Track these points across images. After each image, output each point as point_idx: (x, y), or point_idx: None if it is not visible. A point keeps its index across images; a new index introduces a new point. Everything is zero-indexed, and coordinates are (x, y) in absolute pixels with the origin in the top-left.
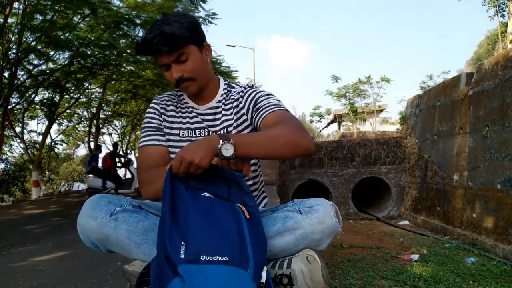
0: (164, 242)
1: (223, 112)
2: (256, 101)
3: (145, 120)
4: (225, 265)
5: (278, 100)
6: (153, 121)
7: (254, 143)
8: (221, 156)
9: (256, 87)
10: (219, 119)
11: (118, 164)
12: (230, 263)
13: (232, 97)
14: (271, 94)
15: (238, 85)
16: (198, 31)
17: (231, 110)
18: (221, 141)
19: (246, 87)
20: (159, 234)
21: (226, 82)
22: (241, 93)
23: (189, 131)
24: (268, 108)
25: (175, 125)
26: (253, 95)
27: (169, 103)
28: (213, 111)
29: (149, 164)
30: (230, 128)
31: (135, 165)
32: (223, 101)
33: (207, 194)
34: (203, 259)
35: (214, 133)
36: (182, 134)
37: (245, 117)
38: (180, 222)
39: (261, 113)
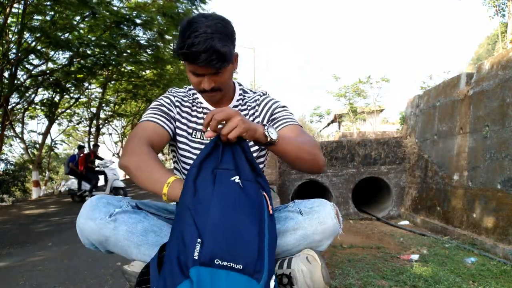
0: (183, 236)
1: None
2: (273, 111)
3: (155, 103)
4: (238, 274)
5: (292, 114)
6: (164, 105)
7: (291, 140)
8: (266, 135)
9: (269, 95)
10: None
11: (99, 164)
12: (243, 272)
13: (248, 103)
14: (286, 106)
15: (251, 91)
16: (235, 44)
17: (247, 117)
18: (266, 125)
19: (262, 94)
20: (177, 227)
21: (241, 87)
22: (257, 101)
23: (202, 133)
24: (285, 121)
25: (189, 124)
26: (270, 104)
27: (185, 99)
28: None
29: (144, 136)
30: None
31: (113, 165)
32: (239, 106)
33: (237, 179)
34: (217, 263)
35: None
36: (194, 135)
37: (259, 119)
38: (200, 213)
39: (278, 123)
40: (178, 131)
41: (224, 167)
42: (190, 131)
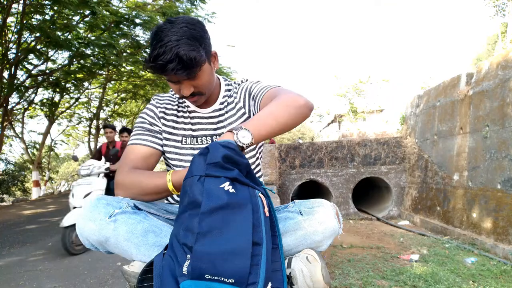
0: (175, 251)
1: (226, 114)
2: (250, 91)
3: (138, 120)
4: (231, 286)
5: (268, 83)
6: (147, 121)
7: (262, 119)
8: (241, 144)
9: (247, 80)
10: (224, 120)
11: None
12: (236, 285)
13: (231, 95)
14: (259, 80)
15: (234, 83)
16: (208, 43)
17: (232, 107)
18: (234, 131)
19: (240, 82)
20: (172, 239)
21: (226, 82)
22: (236, 88)
23: (192, 138)
24: (261, 91)
25: (176, 131)
26: (246, 86)
27: (169, 106)
28: (217, 113)
29: (129, 164)
30: (235, 125)
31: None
32: (225, 103)
33: (226, 186)
34: (207, 277)
35: (217, 137)
36: (184, 142)
37: (242, 110)
38: (189, 229)
39: (257, 99)
40: (165, 142)
41: (213, 174)
42: (179, 138)
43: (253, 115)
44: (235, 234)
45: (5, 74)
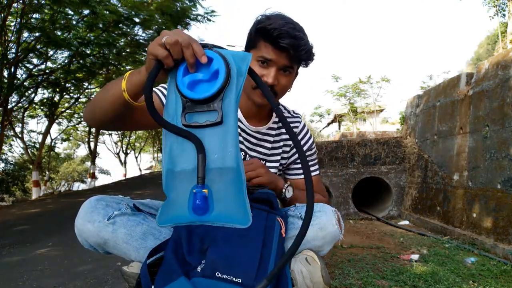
0: (189, 250)
1: (267, 144)
2: (305, 150)
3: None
4: (237, 286)
5: (316, 158)
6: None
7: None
8: (283, 192)
9: (305, 125)
10: (260, 146)
11: None
12: (242, 285)
13: (283, 130)
14: (315, 148)
15: (287, 111)
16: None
17: (276, 144)
18: (285, 184)
19: (300, 121)
20: (177, 238)
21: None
22: (296, 128)
23: None
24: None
25: None
26: (306, 140)
27: None
28: (260, 136)
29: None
30: (268, 157)
31: None
32: (273, 131)
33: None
34: (218, 275)
35: (249, 157)
36: None
37: (285, 155)
38: (206, 234)
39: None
40: None
41: None
42: None
43: (283, 166)
44: (247, 244)
45: (5, 73)
